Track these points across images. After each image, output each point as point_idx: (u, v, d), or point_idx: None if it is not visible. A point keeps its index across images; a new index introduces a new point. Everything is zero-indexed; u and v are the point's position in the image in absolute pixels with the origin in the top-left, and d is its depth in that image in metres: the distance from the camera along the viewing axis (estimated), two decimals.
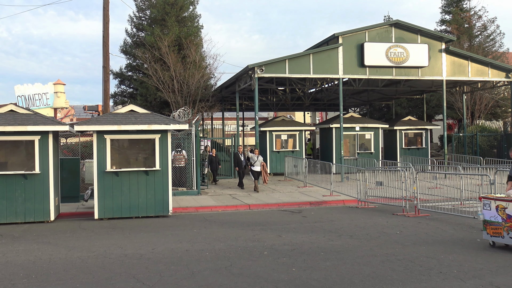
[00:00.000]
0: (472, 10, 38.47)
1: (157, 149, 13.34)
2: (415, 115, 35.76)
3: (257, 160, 18.76)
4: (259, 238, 10.13)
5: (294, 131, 25.74)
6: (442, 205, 13.64)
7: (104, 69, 20.53)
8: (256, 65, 20.92)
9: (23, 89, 33.75)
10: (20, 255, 8.86)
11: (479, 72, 24.18)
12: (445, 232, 10.53)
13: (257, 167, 18.78)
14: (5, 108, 13.11)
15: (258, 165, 18.79)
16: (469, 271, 7.33)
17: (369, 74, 22.73)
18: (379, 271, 7.39)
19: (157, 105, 26.08)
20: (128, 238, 10.35)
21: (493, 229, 8.92)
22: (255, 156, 18.91)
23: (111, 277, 7.31)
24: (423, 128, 28.55)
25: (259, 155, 19.13)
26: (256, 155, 18.93)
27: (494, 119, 35.60)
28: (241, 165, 19.63)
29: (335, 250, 8.87)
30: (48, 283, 7.04)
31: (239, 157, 19.60)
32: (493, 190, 11.28)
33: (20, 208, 12.56)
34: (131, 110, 13.89)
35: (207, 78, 25.55)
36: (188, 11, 27.97)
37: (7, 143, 12.72)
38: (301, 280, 6.97)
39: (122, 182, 13.13)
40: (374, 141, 26.52)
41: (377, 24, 22.99)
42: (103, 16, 20.53)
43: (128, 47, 28.87)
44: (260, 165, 18.81)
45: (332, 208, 14.93)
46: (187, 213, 14.18)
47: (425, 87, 29.01)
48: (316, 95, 32.91)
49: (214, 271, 7.50)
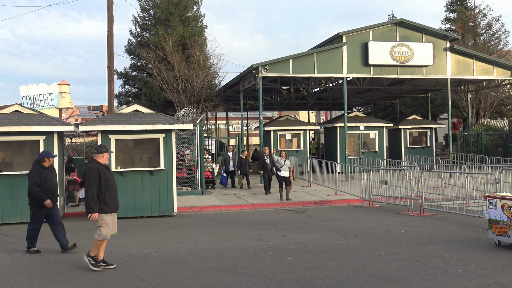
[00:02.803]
0: (477, 9, 38.33)
1: (162, 149, 13.35)
2: (419, 114, 35.64)
3: (284, 164, 16.25)
4: (263, 237, 10.13)
5: (298, 131, 25.72)
6: (447, 204, 13.59)
7: (108, 69, 20.57)
8: (260, 65, 20.91)
9: (28, 89, 33.85)
10: (25, 255, 8.91)
11: (484, 71, 24.08)
12: (450, 231, 10.50)
13: (285, 172, 16.19)
14: (10, 108, 13.15)
15: (285, 169, 16.21)
16: (474, 271, 7.30)
17: (373, 73, 22.68)
18: (384, 270, 7.37)
19: (161, 105, 26.11)
20: (133, 238, 10.37)
21: (499, 228, 8.88)
22: (281, 159, 16.35)
23: (116, 276, 7.33)
24: (428, 127, 28.46)
25: (286, 158, 16.64)
26: (283, 158, 16.40)
27: (499, 117, 35.45)
28: (266, 168, 17.42)
29: (340, 250, 8.86)
30: (53, 283, 7.06)
31: (264, 159, 17.48)
32: (498, 189, 11.24)
33: (26, 208, 12.48)
34: (135, 110, 13.91)
35: (211, 78, 25.56)
36: (192, 11, 27.99)
37: (13, 144, 12.77)
38: (306, 280, 6.96)
39: (126, 182, 13.15)
40: (378, 140, 26.47)
41: (381, 23, 22.95)
42: (107, 17, 20.57)
43: (132, 47, 28.93)
44: (288, 170, 16.26)
45: (336, 208, 14.91)
46: (192, 213, 14.19)
47: (429, 86, 28.92)
48: (320, 95, 32.86)
49: (219, 271, 7.51)
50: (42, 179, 9.01)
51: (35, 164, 9.23)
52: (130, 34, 29.54)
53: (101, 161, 7.90)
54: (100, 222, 7.74)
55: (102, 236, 7.75)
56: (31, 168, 9.22)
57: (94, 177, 7.66)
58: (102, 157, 7.93)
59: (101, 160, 7.91)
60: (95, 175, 7.67)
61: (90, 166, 7.79)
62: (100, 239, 7.76)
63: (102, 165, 7.86)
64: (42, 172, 9.08)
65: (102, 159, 7.92)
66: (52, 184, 9.21)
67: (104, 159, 7.94)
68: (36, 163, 9.22)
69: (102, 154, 7.94)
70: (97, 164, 7.81)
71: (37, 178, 8.99)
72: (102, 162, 7.91)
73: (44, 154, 9.27)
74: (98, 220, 7.73)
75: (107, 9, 20.52)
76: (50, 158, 9.24)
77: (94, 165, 7.79)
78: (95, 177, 7.66)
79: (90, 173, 7.68)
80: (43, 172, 9.09)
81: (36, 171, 9.07)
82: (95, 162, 7.86)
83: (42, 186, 9.00)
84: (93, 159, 7.95)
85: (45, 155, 9.22)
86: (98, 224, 7.76)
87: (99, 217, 7.71)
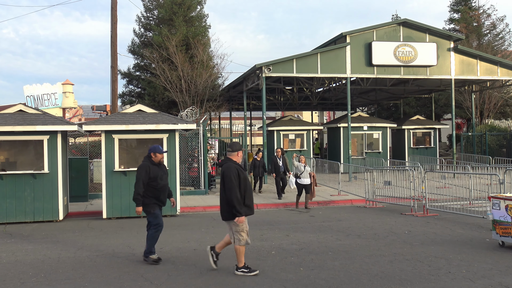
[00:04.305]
0: (481, 9, 38.24)
1: (165, 148, 13.35)
2: (423, 114, 35.58)
3: (304, 171, 14.77)
4: (266, 237, 10.13)
5: (301, 131, 25.71)
6: (451, 204, 13.56)
7: (112, 69, 20.60)
8: (264, 65, 20.91)
9: (32, 89, 33.95)
10: (29, 254, 8.92)
11: (488, 71, 24.02)
12: (454, 232, 10.47)
13: (305, 179, 14.73)
14: (14, 108, 13.20)
15: (306, 176, 14.74)
16: (478, 271, 7.28)
17: (377, 73, 22.65)
18: (387, 271, 7.36)
19: (165, 105, 26.14)
20: (136, 238, 10.38)
21: (503, 229, 8.85)
22: (301, 166, 14.81)
23: (120, 276, 7.34)
24: (432, 127, 28.40)
25: (306, 164, 15.11)
26: (303, 164, 14.87)
27: (503, 118, 35.35)
28: (279, 171, 16.63)
29: (343, 250, 8.85)
30: (57, 282, 7.08)
31: (276, 162, 16.74)
32: (502, 189, 11.20)
33: (29, 208, 12.64)
34: (139, 110, 13.93)
35: (214, 78, 25.58)
36: (196, 10, 28.02)
37: (17, 143, 12.81)
38: (309, 280, 6.95)
39: (130, 182, 13.13)
40: (382, 141, 26.43)
41: (385, 23, 22.91)
42: (111, 17, 20.61)
43: (136, 47, 28.97)
44: (309, 177, 14.79)
45: (340, 208, 14.89)
46: (195, 213, 14.20)
47: (433, 86, 28.85)
48: (323, 95, 32.84)
49: (222, 271, 7.51)
50: (151, 177, 8.15)
51: (145, 159, 8.37)
52: (133, 34, 29.60)
53: (236, 160, 7.33)
54: (241, 227, 7.12)
55: (243, 242, 7.18)
56: (141, 163, 8.40)
57: (235, 177, 7.04)
58: (237, 156, 7.34)
59: (236, 158, 7.33)
60: (235, 175, 7.06)
61: (228, 166, 7.17)
62: (242, 245, 7.19)
63: (238, 164, 7.28)
64: (152, 169, 8.21)
65: (237, 158, 7.34)
66: (163, 183, 8.34)
67: (239, 157, 7.35)
68: (146, 159, 8.37)
69: (237, 152, 7.34)
70: (234, 164, 7.24)
71: (144, 175, 8.12)
72: (237, 160, 7.34)
73: (152, 148, 8.39)
74: (239, 225, 7.10)
75: (111, 9, 20.55)
76: (157, 153, 8.34)
77: (232, 164, 7.20)
78: (236, 177, 7.05)
79: (229, 173, 7.05)
80: (153, 169, 8.22)
81: (144, 168, 8.18)
82: (231, 161, 7.28)
83: (152, 185, 8.16)
84: (228, 158, 7.36)
85: (153, 150, 8.36)
86: (239, 228, 7.12)
87: None
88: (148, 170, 8.15)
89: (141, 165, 8.27)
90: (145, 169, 8.15)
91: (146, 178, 8.11)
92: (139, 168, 8.24)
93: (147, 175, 8.12)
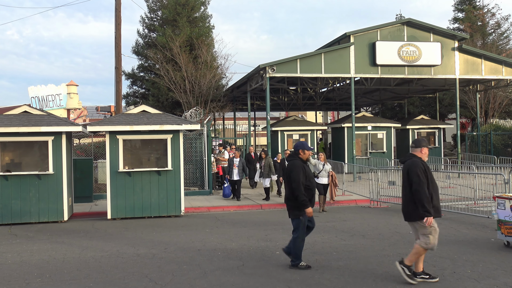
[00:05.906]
0: (485, 8, 38.14)
1: (169, 149, 13.38)
2: (427, 114, 35.49)
3: (322, 170, 13.97)
4: (271, 238, 10.13)
5: (305, 131, 25.72)
6: (456, 204, 13.51)
7: (116, 70, 20.65)
8: (268, 65, 20.92)
9: (37, 90, 34.10)
10: (34, 255, 8.95)
11: (492, 70, 23.93)
12: (459, 232, 10.44)
13: (323, 178, 13.99)
14: (19, 109, 13.24)
15: (324, 175, 13.98)
16: (483, 271, 7.25)
17: (381, 73, 22.62)
18: (392, 271, 7.34)
19: (169, 106, 26.20)
20: (140, 238, 10.40)
21: (508, 228, 8.81)
22: (320, 164, 13.99)
23: (124, 276, 7.36)
24: (436, 127, 28.34)
25: (325, 162, 14.27)
26: (322, 162, 14.05)
27: (508, 117, 35.23)
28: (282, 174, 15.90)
29: (348, 250, 8.83)
30: (62, 282, 7.10)
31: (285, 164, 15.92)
32: (507, 189, 11.16)
33: (34, 208, 12.68)
34: (143, 111, 13.96)
35: (218, 78, 25.62)
36: (200, 11, 28.07)
37: (21, 144, 12.86)
38: (313, 280, 6.95)
39: (134, 182, 13.20)
40: (386, 141, 26.39)
41: (389, 22, 22.87)
42: (115, 18, 20.66)
43: (140, 48, 29.06)
44: (327, 176, 14.08)
45: (344, 208, 14.87)
46: (199, 213, 14.22)
47: (438, 86, 28.78)
48: (327, 95, 32.82)
49: (227, 271, 7.51)
50: (306, 177, 7.55)
51: (293, 157, 7.72)
52: (137, 35, 29.71)
53: (421, 157, 6.89)
54: (430, 229, 6.66)
55: (430, 245, 6.69)
56: (290, 163, 7.71)
57: (423, 175, 6.65)
58: (421, 152, 6.91)
59: (420, 155, 6.89)
60: (422, 172, 6.66)
61: (414, 161, 6.78)
62: (427, 247, 6.71)
63: (424, 162, 6.85)
64: (306, 167, 7.66)
65: (421, 154, 6.89)
66: (314, 183, 7.86)
67: (423, 154, 6.91)
68: (295, 156, 7.71)
69: (421, 148, 6.92)
70: (420, 160, 6.82)
71: (302, 176, 7.47)
72: (422, 157, 6.89)
73: (300, 145, 7.71)
74: (427, 227, 6.65)
75: (115, 10, 20.61)
76: (306, 150, 7.69)
77: (417, 161, 6.78)
78: (423, 175, 6.66)
79: (416, 169, 6.65)
80: (306, 167, 7.67)
81: (300, 168, 7.53)
82: (416, 157, 6.86)
83: (306, 185, 7.52)
84: (412, 154, 6.93)
85: (301, 147, 7.69)
86: (427, 231, 6.67)
87: None
88: (304, 169, 7.57)
89: (295, 165, 7.61)
90: (302, 169, 7.54)
91: (304, 179, 7.50)
92: (295, 168, 7.57)
93: (304, 175, 7.54)
